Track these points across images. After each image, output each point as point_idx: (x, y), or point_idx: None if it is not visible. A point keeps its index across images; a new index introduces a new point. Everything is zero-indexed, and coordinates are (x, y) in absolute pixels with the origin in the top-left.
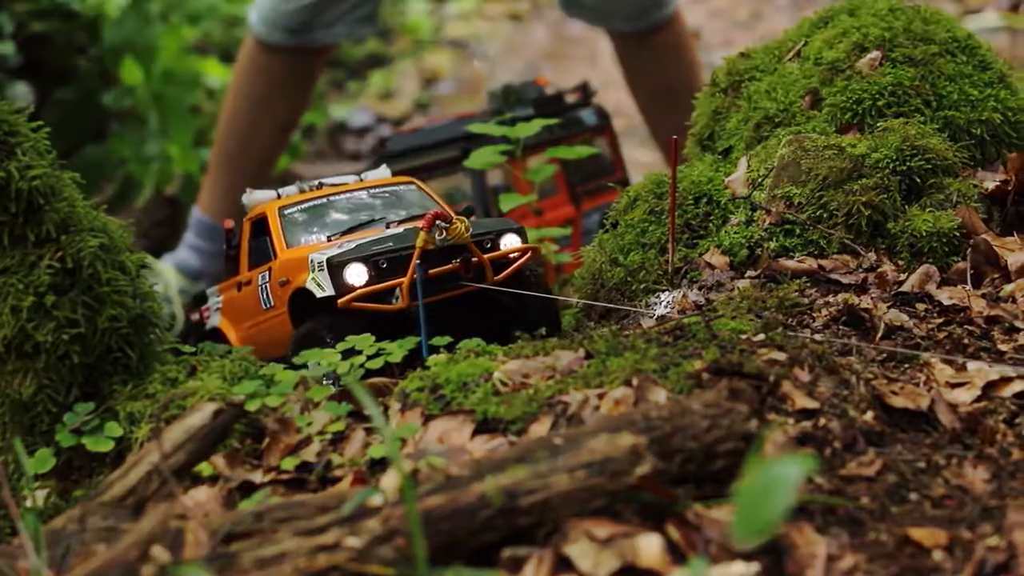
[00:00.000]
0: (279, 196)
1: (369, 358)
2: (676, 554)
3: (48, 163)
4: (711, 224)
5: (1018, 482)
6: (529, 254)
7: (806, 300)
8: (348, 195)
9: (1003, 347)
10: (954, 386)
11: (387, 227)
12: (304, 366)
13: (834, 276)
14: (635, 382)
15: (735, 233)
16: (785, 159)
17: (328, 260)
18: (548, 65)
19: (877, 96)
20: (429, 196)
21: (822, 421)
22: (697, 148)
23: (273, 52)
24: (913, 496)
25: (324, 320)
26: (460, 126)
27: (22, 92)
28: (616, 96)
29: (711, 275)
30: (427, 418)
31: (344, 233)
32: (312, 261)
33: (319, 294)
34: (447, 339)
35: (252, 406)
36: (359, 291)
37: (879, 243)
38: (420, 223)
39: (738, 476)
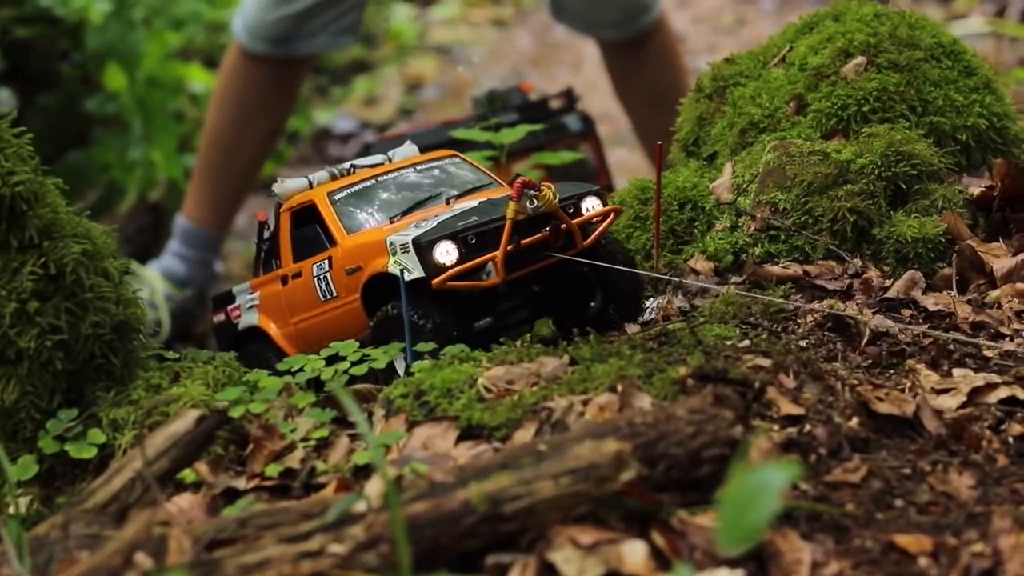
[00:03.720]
0: (310, 183)
1: (353, 364)
2: (661, 560)
3: (31, 169)
4: (696, 230)
5: (1003, 488)
6: (612, 216)
7: (791, 306)
8: (396, 174)
9: (988, 353)
10: (939, 392)
11: (447, 203)
12: (288, 372)
13: (819, 282)
14: (620, 388)
15: (720, 239)
16: (770, 165)
17: (415, 241)
18: (532, 71)
19: (862, 102)
20: (478, 168)
21: (807, 427)
22: (682, 154)
23: (257, 61)
24: (898, 502)
25: (418, 304)
26: (444, 132)
27: (5, 98)
28: (600, 101)
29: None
30: (411, 424)
31: (406, 213)
32: (393, 243)
33: (407, 277)
34: (431, 345)
35: (236, 412)
36: (454, 270)
37: (864, 249)
38: (485, 193)
39: (723, 482)
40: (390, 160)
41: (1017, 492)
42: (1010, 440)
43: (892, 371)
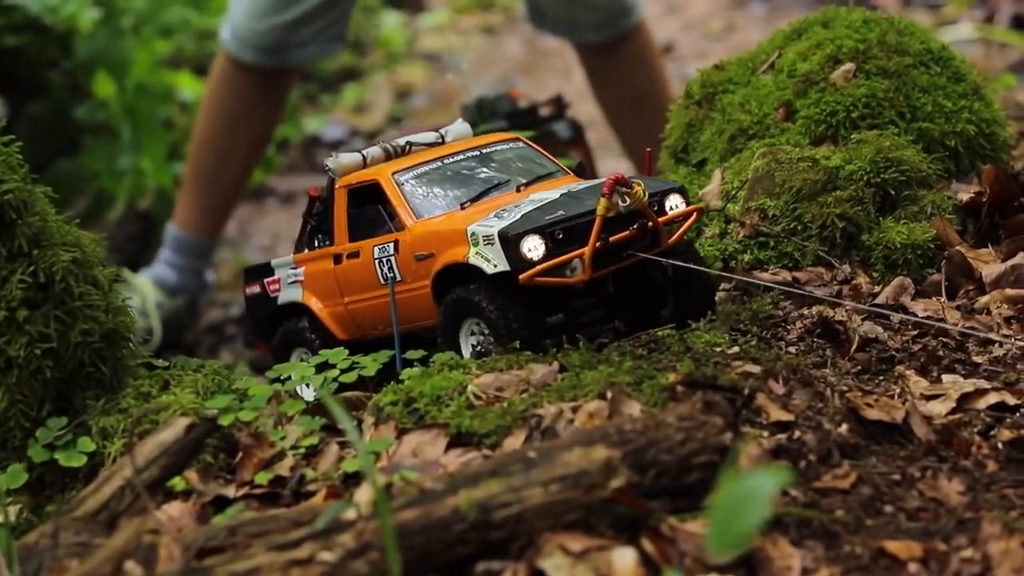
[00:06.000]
0: (364, 159)
1: (343, 372)
2: (650, 567)
3: (20, 177)
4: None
5: (993, 494)
6: (695, 215)
7: (780, 313)
8: (462, 156)
9: (978, 359)
10: (929, 398)
11: (517, 191)
12: (278, 380)
13: (808, 288)
14: (609, 395)
15: (709, 245)
16: (759, 171)
17: (501, 233)
18: (522, 78)
19: (851, 108)
20: (541, 154)
21: (797, 433)
22: (671, 160)
23: (245, 70)
24: (888, 508)
25: (492, 297)
26: None
27: None
28: (590, 108)
29: None
30: (401, 432)
31: (475, 199)
32: (476, 234)
33: (490, 270)
34: (421, 352)
35: (225, 420)
36: (541, 266)
37: (853, 255)
38: (554, 182)
39: (712, 489)
40: (443, 138)
41: (1007, 498)
42: (999, 446)
43: (881, 377)
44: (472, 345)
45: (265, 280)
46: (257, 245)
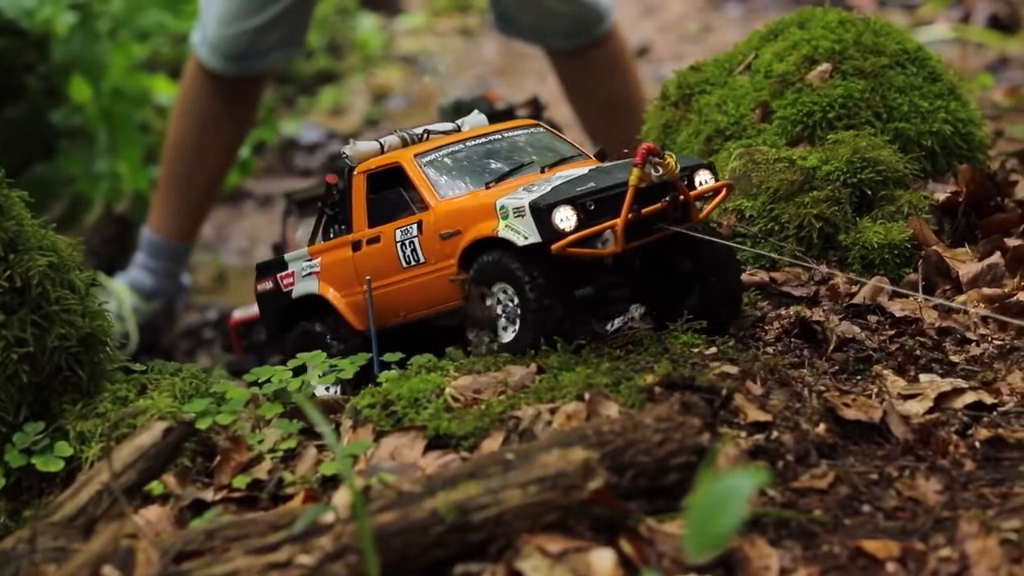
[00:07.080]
0: (382, 147)
1: (320, 375)
2: (629, 568)
3: None
4: None
5: (970, 493)
6: (725, 192)
7: (758, 313)
8: (484, 139)
9: (955, 358)
10: (906, 398)
11: (542, 171)
12: (255, 383)
13: (786, 288)
14: (587, 396)
15: None
16: (736, 172)
17: (533, 204)
18: (498, 80)
19: (827, 108)
20: (563, 139)
21: (774, 434)
22: None
23: (214, 77)
24: (866, 508)
25: (524, 267)
26: None
27: None
28: (567, 110)
29: None
30: (379, 434)
31: (500, 180)
32: (506, 207)
33: (520, 242)
34: (398, 355)
35: (203, 424)
36: (574, 236)
37: (831, 255)
38: (577, 164)
39: (690, 490)
40: (459, 128)
41: (984, 497)
42: (977, 445)
43: (859, 377)
44: (498, 312)
45: (278, 275)
46: (234, 248)
